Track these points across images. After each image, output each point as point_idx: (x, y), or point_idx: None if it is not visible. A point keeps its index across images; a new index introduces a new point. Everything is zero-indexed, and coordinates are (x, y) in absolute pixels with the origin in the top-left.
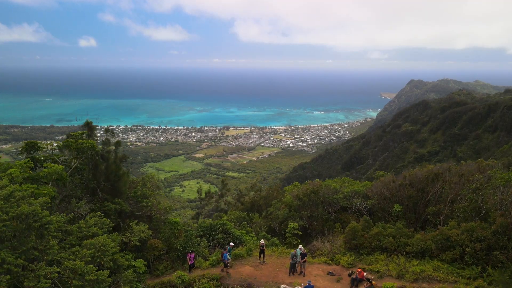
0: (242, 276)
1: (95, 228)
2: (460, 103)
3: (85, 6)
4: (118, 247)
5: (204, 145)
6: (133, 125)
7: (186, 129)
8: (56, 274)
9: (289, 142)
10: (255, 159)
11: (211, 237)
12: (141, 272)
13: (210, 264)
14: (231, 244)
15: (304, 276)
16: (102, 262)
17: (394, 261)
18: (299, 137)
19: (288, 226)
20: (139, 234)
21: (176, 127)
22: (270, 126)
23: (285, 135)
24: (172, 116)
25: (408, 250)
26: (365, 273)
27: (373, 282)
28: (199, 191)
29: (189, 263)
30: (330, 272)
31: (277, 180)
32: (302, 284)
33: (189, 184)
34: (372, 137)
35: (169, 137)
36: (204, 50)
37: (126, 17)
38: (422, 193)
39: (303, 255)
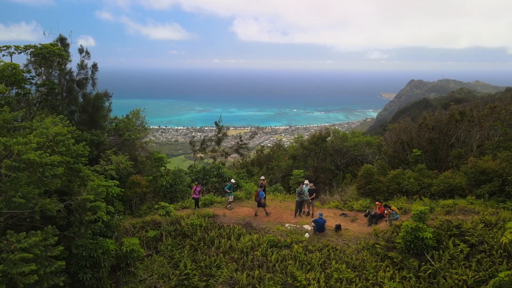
0: (239, 216)
1: (55, 127)
2: (461, 100)
3: (82, 3)
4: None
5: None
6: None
7: (186, 129)
8: None
9: (289, 142)
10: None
11: (204, 181)
12: (113, 193)
13: (202, 204)
14: (232, 181)
15: (312, 217)
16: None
17: (418, 202)
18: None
19: (293, 173)
20: (117, 165)
21: (176, 127)
22: (270, 126)
23: (285, 135)
24: (172, 116)
25: (433, 191)
26: (384, 208)
27: (393, 207)
28: (191, 142)
29: (193, 197)
30: (343, 214)
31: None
32: (312, 220)
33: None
34: (373, 135)
35: (169, 137)
36: (203, 50)
37: (124, 15)
38: (444, 136)
39: (311, 192)
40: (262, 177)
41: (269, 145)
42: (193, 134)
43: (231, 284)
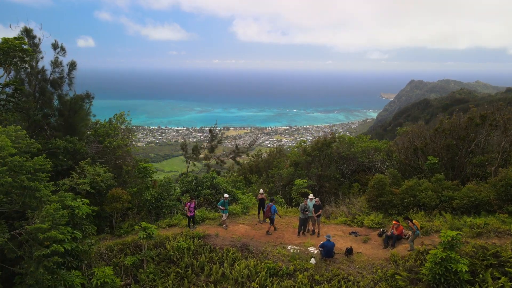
0: (234, 236)
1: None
2: (462, 100)
3: (81, 3)
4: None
5: (204, 145)
6: (133, 126)
7: (186, 129)
8: None
9: (289, 142)
10: (254, 159)
11: (196, 193)
12: (81, 215)
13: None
14: (226, 195)
15: (318, 237)
16: None
17: (438, 219)
18: (299, 138)
19: (295, 183)
20: (93, 177)
21: (176, 128)
22: (270, 127)
23: (285, 135)
24: (172, 116)
25: (455, 205)
26: (403, 228)
27: (414, 221)
28: (183, 147)
29: (188, 215)
30: (353, 232)
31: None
32: (319, 245)
33: None
34: (373, 136)
35: (169, 137)
36: (203, 51)
37: (123, 15)
38: (463, 142)
39: (317, 208)
40: (261, 191)
41: (269, 145)
42: (193, 134)
43: None
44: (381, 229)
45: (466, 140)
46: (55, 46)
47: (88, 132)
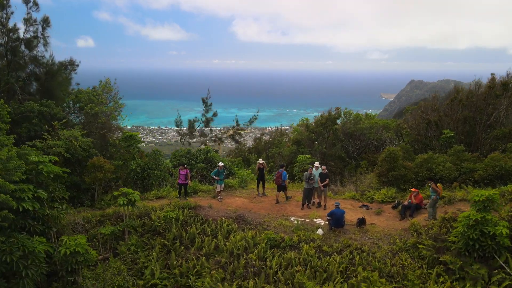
0: (230, 208)
1: None
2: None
3: (81, 3)
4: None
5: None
6: (133, 126)
7: (186, 129)
8: None
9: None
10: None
11: (189, 167)
12: (47, 172)
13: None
14: (220, 164)
15: (325, 210)
16: None
17: (459, 191)
18: None
19: (297, 159)
20: (68, 141)
21: (176, 128)
22: (270, 127)
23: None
24: (172, 116)
25: (478, 177)
26: (422, 197)
27: (438, 184)
28: (177, 123)
29: (178, 183)
30: (364, 205)
31: None
32: (327, 213)
33: None
34: None
35: (169, 137)
36: (203, 51)
37: (122, 15)
38: (481, 115)
39: (323, 177)
40: (261, 160)
41: None
42: (193, 134)
43: None
44: (396, 201)
45: (484, 112)
46: (26, 0)
47: (68, 97)
